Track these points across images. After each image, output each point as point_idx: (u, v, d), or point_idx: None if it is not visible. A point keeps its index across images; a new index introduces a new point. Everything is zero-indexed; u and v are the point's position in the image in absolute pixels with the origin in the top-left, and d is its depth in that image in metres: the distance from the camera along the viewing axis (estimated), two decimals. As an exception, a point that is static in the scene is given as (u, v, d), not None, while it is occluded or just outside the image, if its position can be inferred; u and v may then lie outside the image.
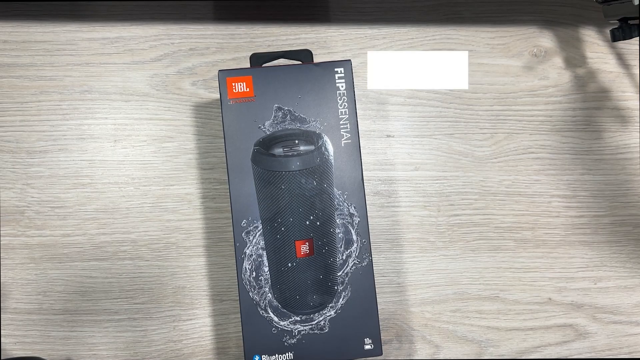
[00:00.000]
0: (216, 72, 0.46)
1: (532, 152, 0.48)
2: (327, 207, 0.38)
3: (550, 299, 0.47)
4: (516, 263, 0.47)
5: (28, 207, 0.44)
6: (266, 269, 0.38)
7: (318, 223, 0.38)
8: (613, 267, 0.48)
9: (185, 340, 0.45)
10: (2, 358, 0.42)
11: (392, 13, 0.48)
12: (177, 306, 0.45)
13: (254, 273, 0.37)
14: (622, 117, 0.49)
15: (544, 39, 0.49)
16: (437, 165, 0.47)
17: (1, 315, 0.43)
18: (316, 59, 0.47)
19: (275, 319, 0.37)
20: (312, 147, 0.38)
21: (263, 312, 0.37)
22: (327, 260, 0.38)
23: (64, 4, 0.46)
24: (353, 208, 0.38)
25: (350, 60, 0.39)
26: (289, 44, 0.47)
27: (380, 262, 0.46)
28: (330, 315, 0.38)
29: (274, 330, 0.37)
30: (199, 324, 0.45)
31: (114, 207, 0.45)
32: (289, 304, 0.37)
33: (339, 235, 0.38)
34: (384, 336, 0.45)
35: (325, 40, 0.48)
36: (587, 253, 0.48)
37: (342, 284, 0.38)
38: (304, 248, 0.37)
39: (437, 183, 0.47)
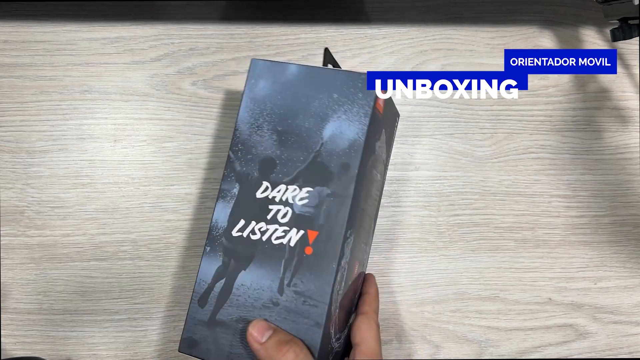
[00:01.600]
0: (216, 72, 0.46)
1: (532, 152, 0.48)
2: (365, 231, 0.40)
3: (550, 299, 0.47)
4: (516, 263, 0.47)
5: (28, 207, 0.44)
6: (343, 284, 0.36)
7: (363, 245, 0.40)
8: (613, 267, 0.48)
9: (185, 340, 0.45)
10: (2, 358, 0.42)
11: (392, 13, 0.48)
12: (177, 306, 0.45)
13: (341, 285, 0.35)
14: (622, 117, 0.49)
15: (544, 39, 0.49)
16: (437, 165, 0.47)
17: (1, 315, 0.43)
18: (316, 59, 0.47)
19: (334, 338, 0.35)
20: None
21: (332, 329, 0.35)
22: (359, 281, 0.40)
23: (64, 4, 0.46)
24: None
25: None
26: (289, 44, 0.47)
27: (380, 262, 0.46)
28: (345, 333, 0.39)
29: (329, 348, 0.34)
30: (199, 324, 0.45)
31: (114, 207, 0.45)
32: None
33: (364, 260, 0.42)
34: (384, 336, 0.45)
35: (325, 40, 0.48)
36: (587, 253, 0.48)
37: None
38: (357, 268, 0.39)
39: (437, 183, 0.47)
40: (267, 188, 0.35)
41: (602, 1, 0.43)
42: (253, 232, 0.35)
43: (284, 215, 0.35)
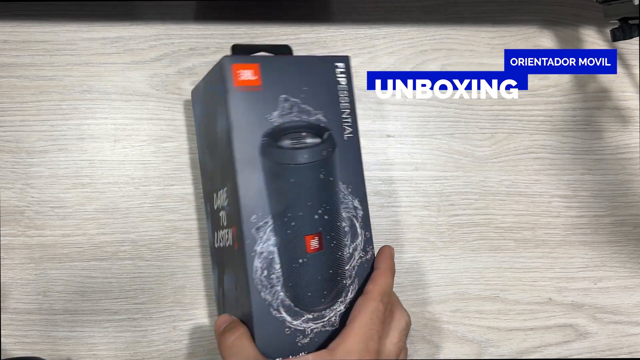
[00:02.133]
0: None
1: (532, 152, 0.48)
2: (334, 201, 0.37)
3: (550, 299, 0.47)
4: (516, 263, 0.47)
5: (28, 207, 0.44)
6: (277, 267, 0.36)
7: (326, 217, 0.37)
8: (613, 267, 0.48)
9: (185, 340, 0.45)
10: (2, 358, 0.42)
11: (392, 13, 0.48)
12: (177, 306, 0.45)
13: (265, 272, 0.35)
14: (622, 117, 0.49)
15: (544, 39, 0.49)
16: (437, 165, 0.47)
17: (1, 315, 0.43)
18: (281, 44, 0.47)
19: (288, 318, 0.36)
20: (318, 140, 0.37)
21: (276, 312, 0.35)
22: (336, 255, 0.37)
23: (64, 4, 0.46)
24: (357, 201, 0.38)
25: (348, 56, 0.39)
26: (289, 43, 0.47)
27: (380, 262, 0.46)
28: (340, 310, 0.37)
29: (287, 331, 0.35)
30: (199, 324, 0.45)
31: (114, 207, 0.45)
32: (300, 301, 0.36)
33: (345, 229, 0.38)
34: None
35: (325, 40, 0.48)
36: (587, 253, 0.48)
37: (350, 278, 0.38)
38: (313, 243, 0.36)
39: (437, 183, 0.47)
40: (214, 198, 0.39)
41: (602, 1, 0.43)
42: (219, 240, 0.39)
43: (224, 219, 0.37)
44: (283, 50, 0.40)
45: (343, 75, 0.38)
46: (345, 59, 0.39)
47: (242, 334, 0.34)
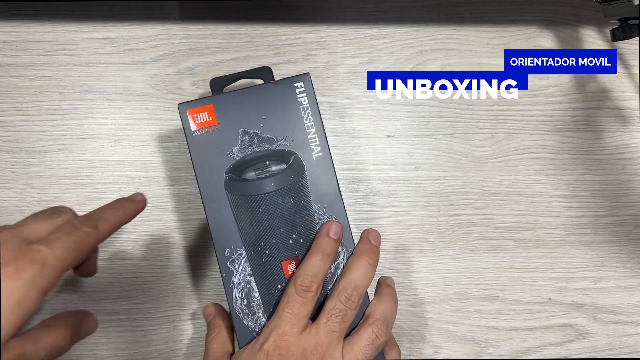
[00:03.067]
0: (216, 72, 0.46)
1: (532, 152, 0.48)
2: (308, 224, 0.37)
3: (550, 299, 0.47)
4: (516, 263, 0.47)
5: (28, 207, 0.44)
6: (256, 294, 0.37)
7: (301, 240, 0.37)
8: (613, 267, 0.48)
9: (185, 340, 0.45)
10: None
11: (392, 13, 0.48)
12: (177, 306, 0.45)
13: (245, 300, 0.37)
14: (622, 117, 0.49)
15: (544, 39, 0.49)
16: (437, 165, 0.47)
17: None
18: (316, 59, 0.47)
19: None
20: (284, 166, 0.37)
21: None
22: None
23: (64, 4, 0.46)
24: (334, 219, 0.38)
25: (308, 73, 0.38)
26: (289, 43, 0.47)
27: (380, 262, 0.46)
28: None
29: None
30: (199, 324, 0.45)
31: (114, 207, 0.45)
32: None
33: None
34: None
35: (325, 40, 0.48)
36: (587, 253, 0.48)
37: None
38: (290, 267, 0.36)
39: (437, 183, 0.47)
40: None
41: (602, 1, 0.43)
42: None
43: None
44: (263, 73, 0.40)
45: (304, 95, 0.38)
46: (304, 78, 0.38)
47: (215, 337, 0.37)
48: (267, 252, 0.36)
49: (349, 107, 0.47)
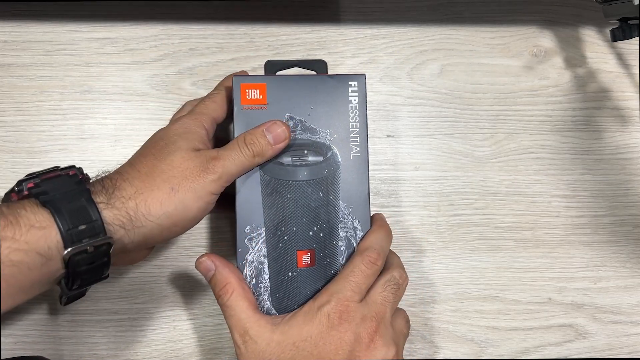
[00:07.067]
0: (216, 72, 0.46)
1: (532, 152, 0.48)
2: (331, 219, 0.38)
3: (550, 299, 0.47)
4: (516, 263, 0.47)
5: (28, 207, 0.44)
6: (266, 277, 0.37)
7: (321, 234, 0.37)
8: (613, 267, 0.48)
9: (185, 340, 0.45)
10: (2, 358, 0.42)
11: (392, 13, 0.48)
12: (177, 306, 0.45)
13: (254, 280, 0.37)
14: (622, 117, 0.49)
15: (544, 39, 0.49)
16: (437, 165, 0.47)
17: (1, 315, 0.43)
18: (316, 59, 0.47)
19: None
20: (320, 159, 0.37)
21: None
22: (328, 272, 0.38)
23: (64, 4, 0.46)
24: (357, 222, 0.38)
25: (365, 74, 0.39)
26: (289, 43, 0.47)
27: (380, 262, 0.46)
28: None
29: None
30: (199, 324, 0.45)
31: (114, 207, 0.45)
32: (286, 312, 0.37)
33: (341, 248, 0.38)
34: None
35: (325, 40, 0.48)
36: (587, 253, 0.48)
37: None
38: (305, 258, 0.37)
39: (437, 183, 0.47)
40: None
41: (602, 1, 0.43)
42: None
43: None
44: (317, 66, 0.41)
45: (355, 94, 0.38)
46: (359, 78, 0.39)
47: (235, 296, 0.35)
48: (285, 237, 0.37)
49: (349, 107, 0.47)
